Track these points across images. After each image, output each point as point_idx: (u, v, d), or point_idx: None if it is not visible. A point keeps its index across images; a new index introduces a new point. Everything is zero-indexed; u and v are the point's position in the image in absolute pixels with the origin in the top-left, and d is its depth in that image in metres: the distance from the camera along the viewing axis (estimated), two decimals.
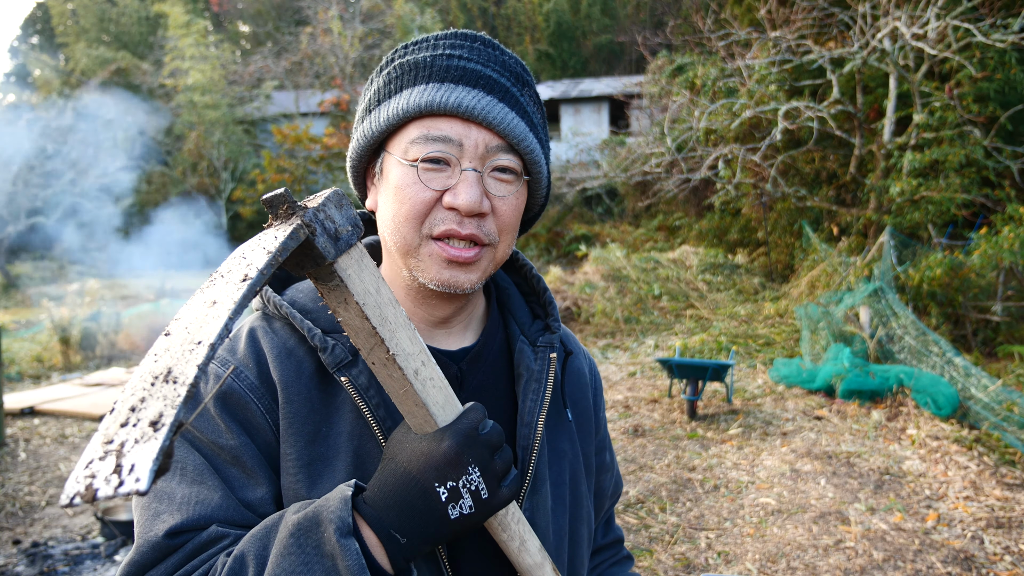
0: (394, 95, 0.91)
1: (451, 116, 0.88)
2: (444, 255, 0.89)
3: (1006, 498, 4.44)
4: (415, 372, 0.80)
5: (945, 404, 5.71)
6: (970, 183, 9.62)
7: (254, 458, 0.89)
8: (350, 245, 0.75)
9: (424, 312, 1.00)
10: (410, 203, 0.88)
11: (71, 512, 4.83)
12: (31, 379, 9.19)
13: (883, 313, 7.42)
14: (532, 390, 1.00)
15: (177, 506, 0.85)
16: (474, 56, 0.91)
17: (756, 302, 11.02)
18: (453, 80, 0.88)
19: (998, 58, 9.60)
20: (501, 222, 0.92)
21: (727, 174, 11.86)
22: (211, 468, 0.88)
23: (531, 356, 1.03)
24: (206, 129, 25.41)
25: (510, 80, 0.92)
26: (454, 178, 0.88)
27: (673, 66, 16.52)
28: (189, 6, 31.45)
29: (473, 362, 1.02)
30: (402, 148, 0.89)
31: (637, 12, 32.28)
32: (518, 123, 0.90)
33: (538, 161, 0.94)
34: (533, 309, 1.11)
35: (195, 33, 26.49)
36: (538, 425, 0.98)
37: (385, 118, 0.90)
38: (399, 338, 0.79)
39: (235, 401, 0.90)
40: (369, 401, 0.90)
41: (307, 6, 27.05)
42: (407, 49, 0.94)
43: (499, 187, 0.91)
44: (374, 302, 0.77)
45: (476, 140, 0.88)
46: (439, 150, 0.87)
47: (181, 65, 26.16)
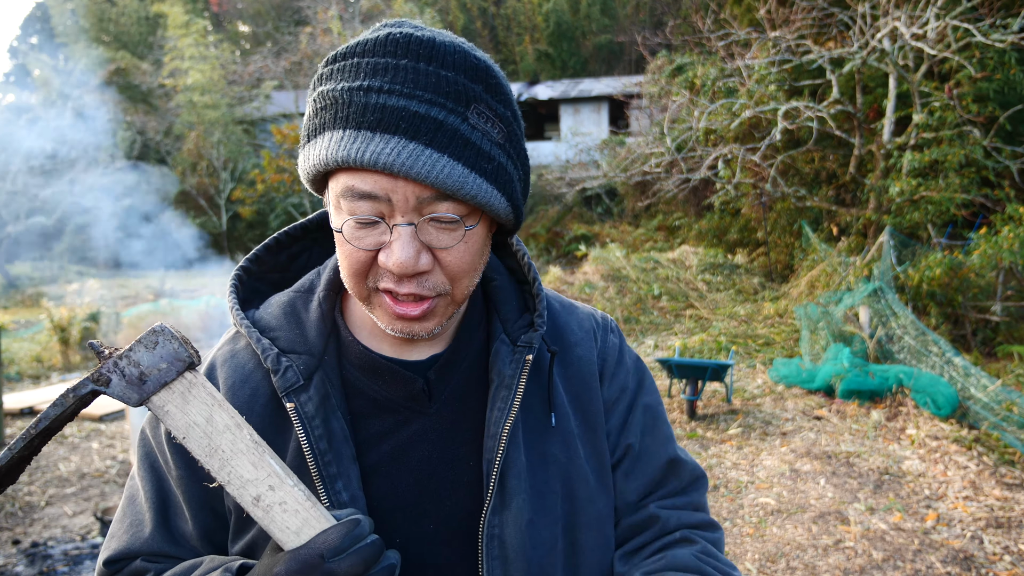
0: (318, 135, 0.80)
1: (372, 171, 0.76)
2: (392, 311, 0.83)
3: (1005, 498, 4.45)
4: (255, 499, 0.77)
5: (944, 404, 5.71)
6: (970, 183, 9.62)
7: (189, 492, 0.91)
8: (165, 383, 0.78)
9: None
10: (348, 260, 0.82)
11: (70, 512, 4.83)
12: (31, 379, 9.19)
13: (883, 313, 7.42)
14: (501, 398, 0.92)
15: (122, 532, 0.93)
16: (396, 85, 0.76)
17: (756, 302, 11.02)
18: (370, 127, 0.75)
19: (998, 58, 9.60)
20: (450, 272, 0.82)
21: (727, 174, 11.87)
22: (159, 495, 0.93)
23: (506, 358, 0.94)
24: (205, 129, 25.41)
25: (446, 107, 0.76)
26: (387, 235, 0.79)
27: (673, 66, 16.52)
28: (188, 6, 31.44)
29: (443, 371, 0.94)
30: (334, 198, 0.81)
31: (637, 12, 32.28)
32: (451, 169, 0.76)
33: (486, 202, 0.80)
34: (526, 300, 1.01)
35: (194, 33, 26.48)
36: (502, 435, 0.90)
37: (313, 163, 0.80)
38: (234, 466, 0.77)
39: None
40: (312, 432, 0.86)
41: (307, 6, 27.06)
42: (334, 66, 0.81)
43: (441, 237, 0.80)
44: (201, 433, 0.78)
45: (404, 194, 0.77)
46: (365, 211, 0.78)
47: (180, 65, 26.15)
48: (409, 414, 0.93)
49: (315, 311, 0.94)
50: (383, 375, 0.93)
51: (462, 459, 0.94)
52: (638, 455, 1.04)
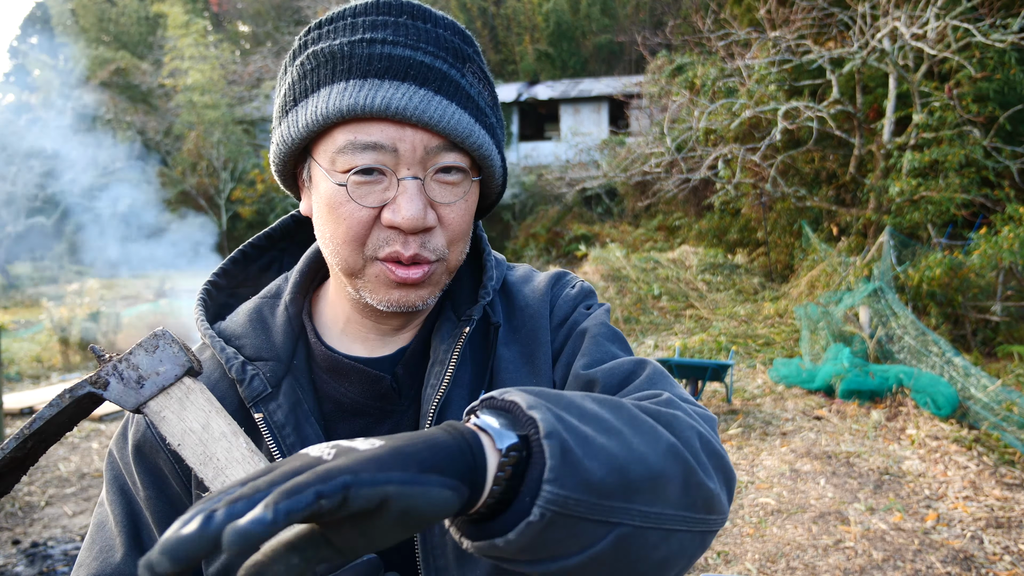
0: (311, 94, 0.77)
1: (381, 119, 0.74)
2: (391, 276, 0.79)
3: (1005, 498, 4.45)
4: None
5: (945, 404, 5.71)
6: (969, 183, 9.62)
7: (158, 512, 0.87)
8: (163, 388, 0.76)
9: (376, 323, 0.90)
10: (346, 225, 0.77)
11: (70, 512, 4.83)
12: (30, 379, 9.19)
13: (883, 313, 7.42)
14: (434, 374, 0.87)
15: (89, 562, 0.88)
16: (400, 37, 0.76)
17: (756, 302, 11.02)
18: (377, 75, 0.74)
19: (998, 58, 9.60)
20: (450, 233, 0.80)
21: (727, 174, 11.87)
22: (130, 519, 0.88)
23: (445, 334, 0.89)
24: (205, 129, 25.41)
25: (447, 61, 0.77)
26: (392, 190, 0.76)
27: (673, 66, 16.52)
28: (188, 6, 31.44)
29: (410, 364, 0.90)
30: (328, 158, 0.77)
31: (637, 12, 32.28)
32: (460, 117, 0.76)
33: (488, 155, 0.80)
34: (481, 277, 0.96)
35: (194, 33, 26.49)
36: (430, 415, 0.84)
37: (304, 123, 0.76)
38: (228, 475, 0.75)
39: (148, 450, 0.88)
40: (283, 441, 0.83)
41: (306, 6, 27.07)
42: (321, 30, 0.79)
43: (445, 192, 0.78)
44: (197, 440, 0.75)
45: (412, 143, 0.75)
46: (370, 160, 0.74)
47: (180, 65, 26.16)
48: (380, 414, 0.89)
49: (281, 315, 0.91)
50: (349, 376, 0.88)
51: None
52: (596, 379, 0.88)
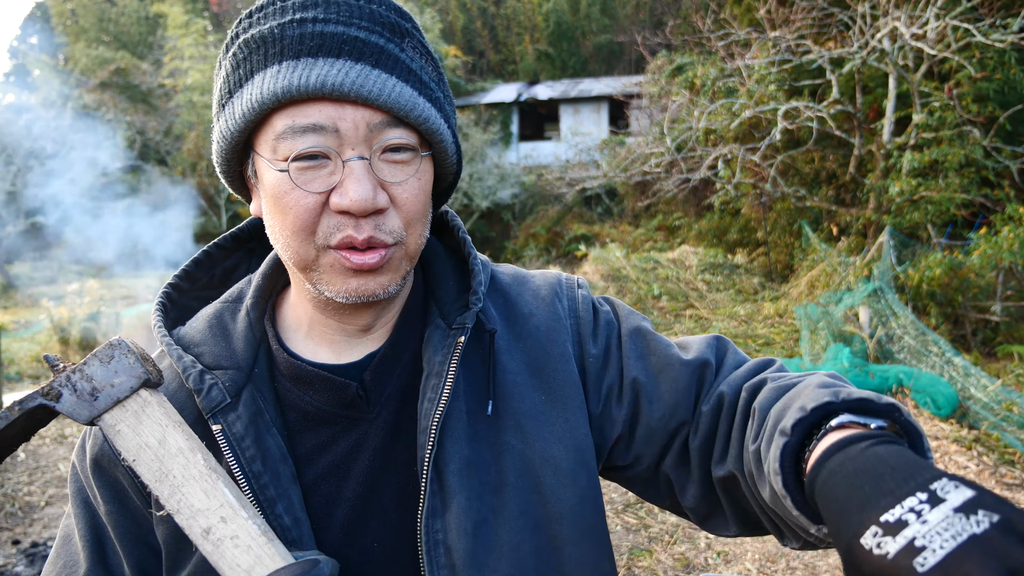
0: (245, 83, 0.73)
1: (317, 99, 0.71)
2: (347, 264, 0.75)
3: (1006, 498, 4.45)
4: (205, 532, 0.71)
5: (944, 404, 5.71)
6: (969, 183, 9.62)
7: (120, 527, 0.84)
8: (118, 400, 0.73)
9: (340, 323, 0.86)
10: (293, 213, 0.74)
11: None
12: (30, 379, 9.19)
13: (882, 313, 7.42)
14: (431, 387, 0.83)
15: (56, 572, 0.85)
16: (332, 15, 0.72)
17: (755, 302, 11.03)
18: (310, 53, 0.71)
19: (997, 58, 9.60)
20: (405, 213, 0.77)
21: (726, 174, 11.87)
22: (93, 532, 0.86)
23: (438, 344, 0.85)
24: (205, 129, 25.41)
25: (383, 35, 0.74)
26: (337, 173, 0.73)
27: (672, 66, 16.53)
28: (188, 6, 31.45)
29: (380, 370, 0.85)
30: (269, 147, 0.74)
31: (637, 12, 32.28)
32: (402, 90, 0.73)
33: (437, 129, 0.77)
34: (468, 279, 0.92)
35: (194, 33, 26.50)
36: (431, 430, 0.81)
37: (240, 113, 0.73)
38: (185, 493, 0.72)
39: (106, 464, 0.85)
40: (242, 454, 0.79)
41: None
42: (252, 19, 0.75)
43: (394, 171, 0.75)
44: (153, 456, 0.73)
45: (354, 121, 0.72)
46: (311, 144, 0.71)
47: (180, 65, 26.17)
48: (347, 423, 0.85)
49: (242, 321, 0.87)
50: (313, 384, 0.84)
51: (407, 464, 0.85)
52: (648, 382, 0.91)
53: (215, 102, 0.79)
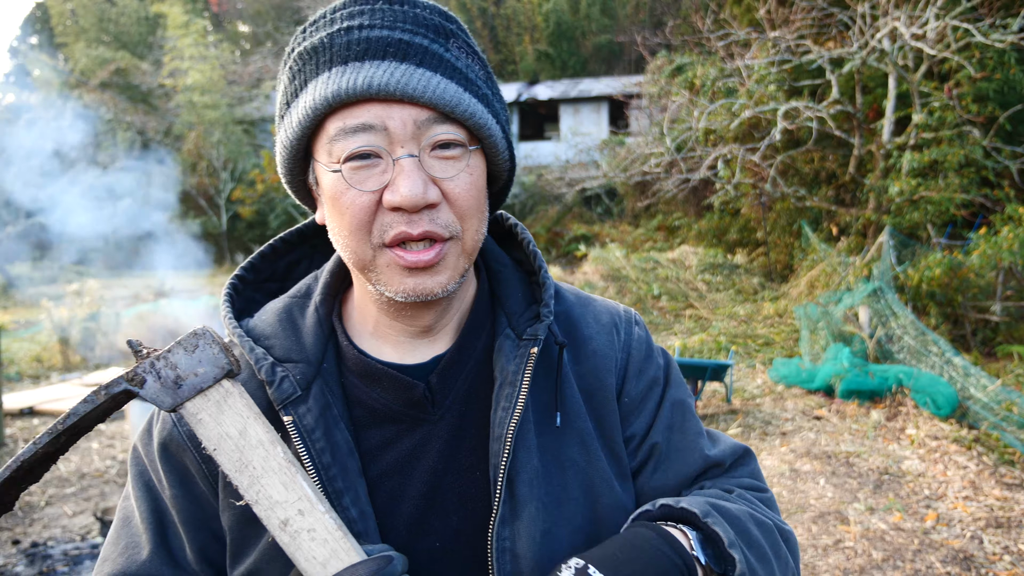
0: (300, 92, 0.77)
1: (366, 100, 0.73)
2: (402, 263, 0.77)
3: (1005, 498, 4.45)
4: (283, 523, 0.72)
5: (944, 404, 5.71)
6: (969, 183, 9.62)
7: (184, 511, 0.86)
8: (201, 389, 0.74)
9: (403, 324, 0.87)
10: (349, 213, 0.76)
11: (70, 512, 4.83)
12: (30, 379, 9.19)
13: (882, 313, 7.42)
14: (505, 396, 0.84)
15: (115, 556, 0.86)
16: (377, 20, 0.75)
17: (755, 302, 11.03)
18: (357, 57, 0.74)
19: (997, 58, 9.60)
20: (459, 207, 0.78)
21: (726, 174, 11.87)
22: (156, 516, 0.87)
23: (509, 354, 0.87)
24: (205, 129, 25.42)
25: (428, 37, 0.77)
26: (389, 171, 0.75)
27: (672, 66, 16.52)
28: (188, 6, 31.43)
29: (446, 373, 0.87)
30: (325, 151, 0.77)
31: (637, 12, 32.28)
32: (446, 87, 0.75)
33: (484, 124, 0.78)
34: (534, 292, 0.94)
35: (194, 33, 26.49)
36: (507, 439, 0.82)
37: (297, 121, 0.77)
38: (264, 484, 0.72)
39: (174, 449, 0.86)
40: (312, 445, 0.81)
41: (306, 6, 27.08)
42: (305, 34, 0.79)
43: (444, 167, 0.76)
44: (233, 446, 0.73)
45: (402, 119, 0.74)
46: (362, 143, 0.74)
47: (180, 65, 26.15)
48: (412, 422, 0.87)
49: (311, 316, 0.89)
50: (381, 381, 0.86)
51: (470, 468, 0.86)
52: (665, 454, 0.94)
53: (278, 113, 0.83)
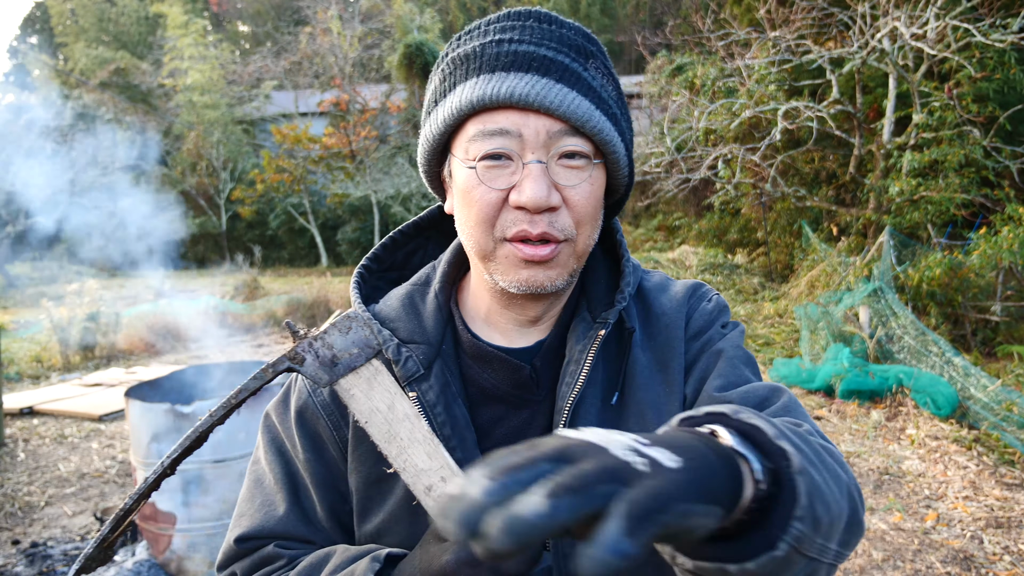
0: (448, 93, 0.86)
1: (506, 107, 0.82)
2: (520, 255, 0.84)
3: (1005, 498, 4.45)
4: (427, 489, 0.79)
5: (944, 404, 5.71)
6: (969, 183, 9.62)
7: (316, 474, 0.96)
8: (353, 368, 0.82)
9: (514, 313, 0.96)
10: (477, 207, 0.84)
11: (70, 512, 4.83)
12: (30, 379, 9.19)
13: (882, 313, 7.42)
14: (569, 372, 0.92)
15: (254, 511, 0.97)
16: (526, 36, 0.84)
17: (755, 302, 11.02)
18: (504, 68, 0.82)
19: (997, 58, 9.60)
20: (576, 213, 0.85)
21: (726, 174, 11.87)
22: (289, 475, 0.98)
23: (581, 335, 0.94)
24: (205, 129, 25.40)
25: (569, 56, 0.84)
26: (518, 173, 0.82)
27: (672, 66, 16.52)
28: (188, 6, 31.43)
29: (546, 356, 0.96)
30: (463, 148, 0.85)
31: (636, 12, 32.29)
32: (580, 103, 0.82)
33: (610, 140, 0.86)
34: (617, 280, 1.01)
35: (194, 33, 26.48)
36: (564, 410, 0.90)
37: (442, 119, 0.86)
38: (410, 454, 0.80)
39: (309, 416, 0.97)
40: (434, 419, 0.89)
41: (306, 6, 27.05)
42: (459, 41, 0.89)
43: (568, 175, 0.84)
44: (383, 419, 0.81)
45: (536, 128, 0.82)
46: (498, 145, 0.82)
47: (180, 65, 26.15)
48: (518, 402, 0.95)
49: (432, 302, 0.98)
50: (492, 363, 0.95)
51: None
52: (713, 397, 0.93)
53: (423, 111, 0.92)
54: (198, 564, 3.64)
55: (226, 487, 3.56)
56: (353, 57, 25.53)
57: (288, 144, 23.52)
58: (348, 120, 24.55)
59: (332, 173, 24.31)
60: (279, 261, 26.35)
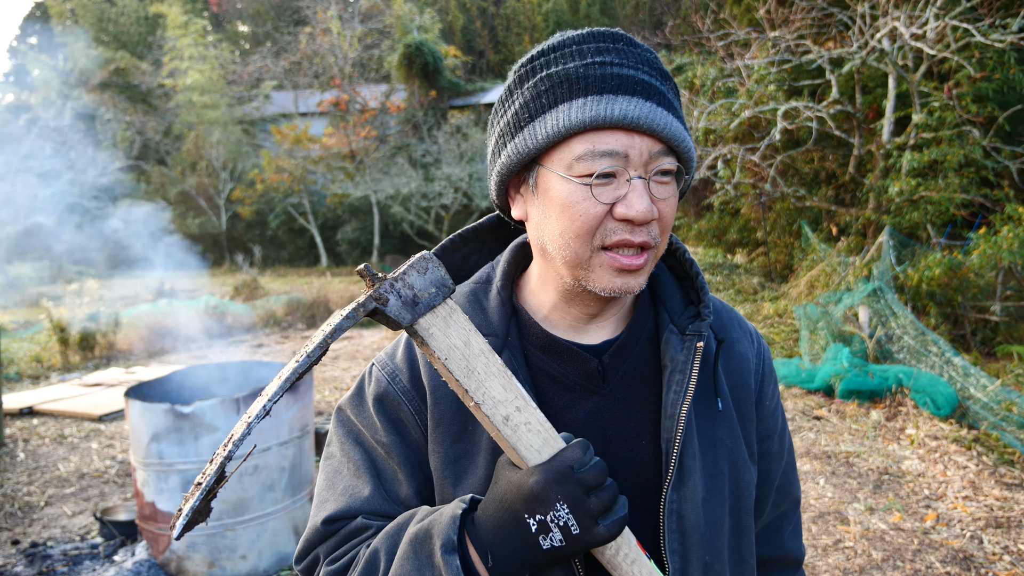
0: (550, 109, 0.89)
1: (615, 128, 0.87)
2: (616, 264, 0.91)
3: (1005, 498, 4.45)
4: (505, 419, 0.85)
5: (944, 404, 5.71)
6: (969, 183, 9.62)
7: (402, 455, 1.01)
8: (432, 307, 0.85)
9: (578, 310, 1.02)
10: (582, 219, 0.89)
11: (70, 512, 4.83)
12: (30, 379, 9.18)
13: (882, 313, 7.42)
14: (676, 381, 0.99)
15: (337, 496, 1.02)
16: (624, 59, 0.90)
17: (755, 302, 11.03)
18: (612, 91, 0.87)
19: (997, 58, 9.60)
20: (664, 223, 0.93)
21: (726, 174, 11.86)
22: (369, 462, 1.03)
23: (677, 346, 1.02)
24: (205, 129, 25.39)
25: (657, 78, 0.91)
26: (622, 189, 0.88)
27: (672, 66, 16.51)
28: (188, 6, 31.41)
29: (617, 354, 1.02)
30: (565, 164, 0.89)
31: (636, 12, 32.29)
32: (677, 125, 0.89)
33: (692, 157, 0.94)
34: (687, 294, 1.10)
35: (194, 33, 26.47)
36: (680, 416, 0.97)
37: (544, 134, 0.89)
38: (487, 387, 0.85)
39: (390, 403, 1.03)
40: None
41: (306, 6, 27.04)
42: (548, 58, 0.92)
43: (662, 190, 0.91)
44: (460, 355, 0.85)
45: (640, 149, 0.88)
46: (608, 164, 0.87)
47: (180, 65, 26.13)
48: (585, 392, 1.01)
49: (495, 298, 1.04)
50: (562, 354, 1.01)
51: (635, 438, 1.01)
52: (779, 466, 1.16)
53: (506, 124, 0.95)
54: (198, 564, 3.64)
55: (225, 487, 3.56)
56: (353, 57, 25.52)
57: (288, 144, 23.51)
58: (348, 120, 24.55)
59: (332, 173, 24.30)
60: (279, 261, 26.35)
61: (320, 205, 25.72)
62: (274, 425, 3.68)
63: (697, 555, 0.98)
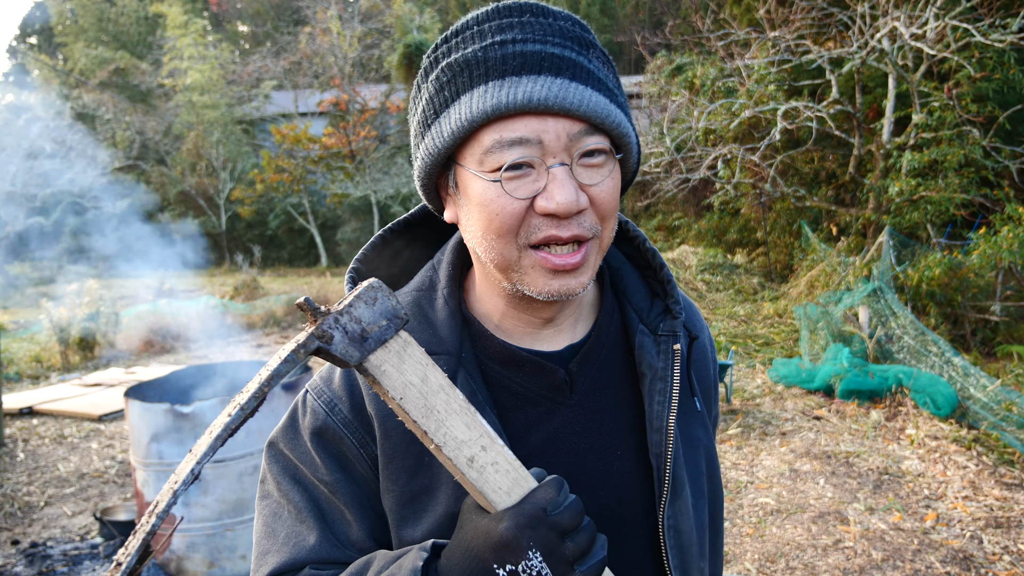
0: (452, 103, 0.80)
1: (523, 114, 0.77)
2: (548, 265, 0.81)
3: (1005, 498, 4.45)
4: (469, 460, 0.76)
5: (944, 404, 5.71)
6: (969, 183, 9.62)
7: (349, 494, 0.90)
8: (383, 341, 0.75)
9: (530, 315, 0.92)
10: (499, 218, 0.79)
11: (70, 512, 4.83)
12: (30, 379, 9.18)
13: (882, 313, 7.42)
14: (658, 391, 0.91)
15: (279, 546, 0.89)
16: (528, 34, 0.78)
17: (755, 302, 11.03)
18: (514, 72, 0.77)
19: (997, 58, 9.60)
20: (601, 210, 0.82)
21: (726, 174, 11.87)
22: (311, 504, 0.90)
23: (653, 351, 0.93)
24: (205, 129, 25.39)
25: (574, 49, 0.80)
26: (541, 179, 0.78)
27: (672, 66, 16.51)
28: (187, 6, 31.42)
29: (584, 360, 0.93)
30: (476, 160, 0.80)
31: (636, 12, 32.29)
32: (597, 99, 0.78)
33: (627, 133, 0.83)
34: (651, 286, 1.00)
35: (193, 33, 26.49)
36: (668, 429, 0.90)
37: (449, 131, 0.80)
38: (449, 427, 0.76)
39: (330, 437, 0.90)
40: None
41: (306, 6, 27.04)
42: (450, 45, 0.82)
43: (591, 174, 0.80)
44: (417, 393, 0.76)
45: (556, 132, 0.77)
46: (519, 155, 0.77)
47: (180, 65, 26.15)
48: (552, 405, 0.92)
49: (443, 309, 0.93)
50: (523, 367, 0.91)
51: (610, 448, 0.93)
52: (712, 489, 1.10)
53: (417, 123, 0.86)
54: (198, 564, 3.64)
55: (225, 487, 3.56)
56: (353, 57, 25.52)
57: (288, 144, 23.52)
58: (348, 120, 24.54)
59: (332, 173, 24.31)
60: (279, 261, 26.36)
61: (320, 205, 25.73)
62: (274, 425, 3.67)
63: (695, 565, 0.94)
